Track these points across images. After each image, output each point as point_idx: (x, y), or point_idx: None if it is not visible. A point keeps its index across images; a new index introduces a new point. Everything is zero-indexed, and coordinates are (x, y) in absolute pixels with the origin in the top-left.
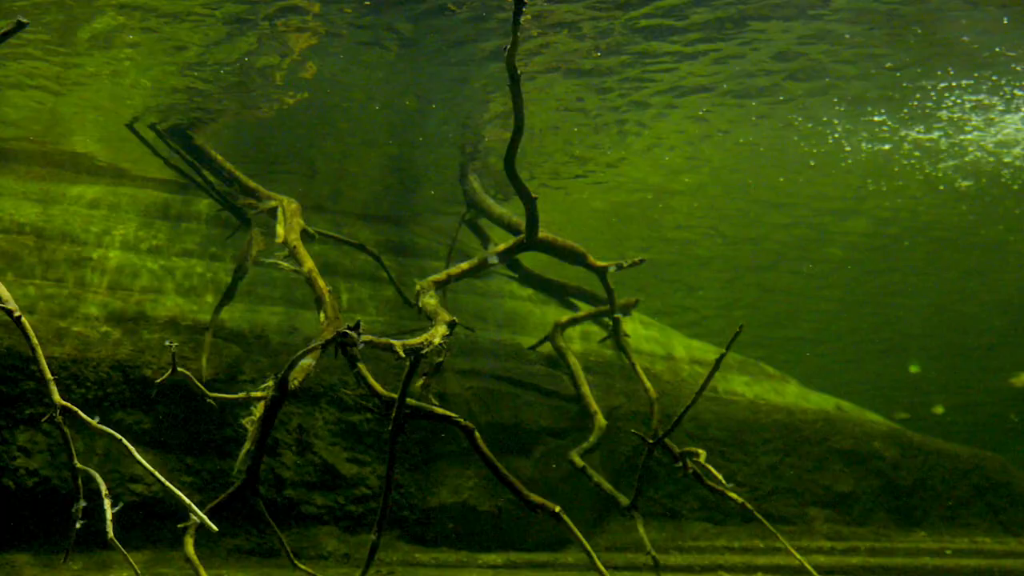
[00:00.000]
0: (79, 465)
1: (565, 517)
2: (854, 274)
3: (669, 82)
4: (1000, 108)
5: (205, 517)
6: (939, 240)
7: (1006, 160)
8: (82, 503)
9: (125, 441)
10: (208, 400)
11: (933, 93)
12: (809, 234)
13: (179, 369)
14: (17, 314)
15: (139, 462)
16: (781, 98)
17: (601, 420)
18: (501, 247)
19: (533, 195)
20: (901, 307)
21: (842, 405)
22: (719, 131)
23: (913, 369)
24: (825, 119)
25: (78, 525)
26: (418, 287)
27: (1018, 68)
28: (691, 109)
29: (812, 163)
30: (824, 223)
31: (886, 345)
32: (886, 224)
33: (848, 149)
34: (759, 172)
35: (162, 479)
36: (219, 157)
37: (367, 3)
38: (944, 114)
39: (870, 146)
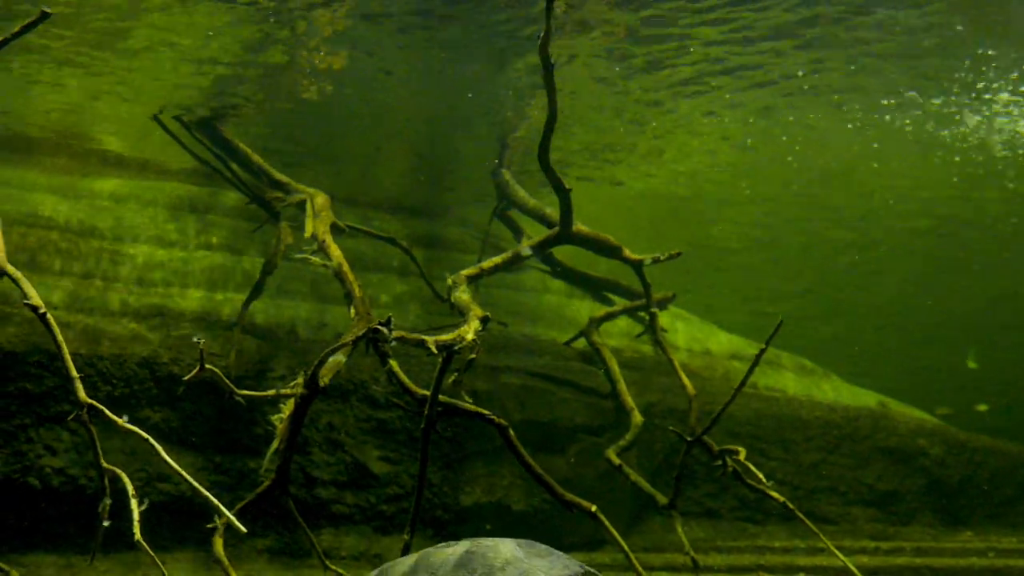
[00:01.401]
0: (105, 464)
1: (601, 516)
2: (903, 265)
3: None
4: None
5: (233, 518)
6: (996, 233)
7: None
8: (108, 502)
9: (152, 440)
10: (237, 397)
11: (995, 76)
12: (857, 224)
13: (207, 366)
14: (42, 311)
15: (167, 462)
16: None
17: (638, 417)
18: (535, 240)
19: (567, 187)
20: (949, 299)
21: (885, 401)
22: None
23: (971, 364)
24: (885, 102)
25: (105, 524)
26: (450, 281)
27: None
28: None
29: (875, 145)
30: (876, 211)
31: (930, 337)
32: (946, 218)
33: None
34: (810, 159)
35: (190, 479)
36: (247, 149)
37: None
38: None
39: (931, 131)
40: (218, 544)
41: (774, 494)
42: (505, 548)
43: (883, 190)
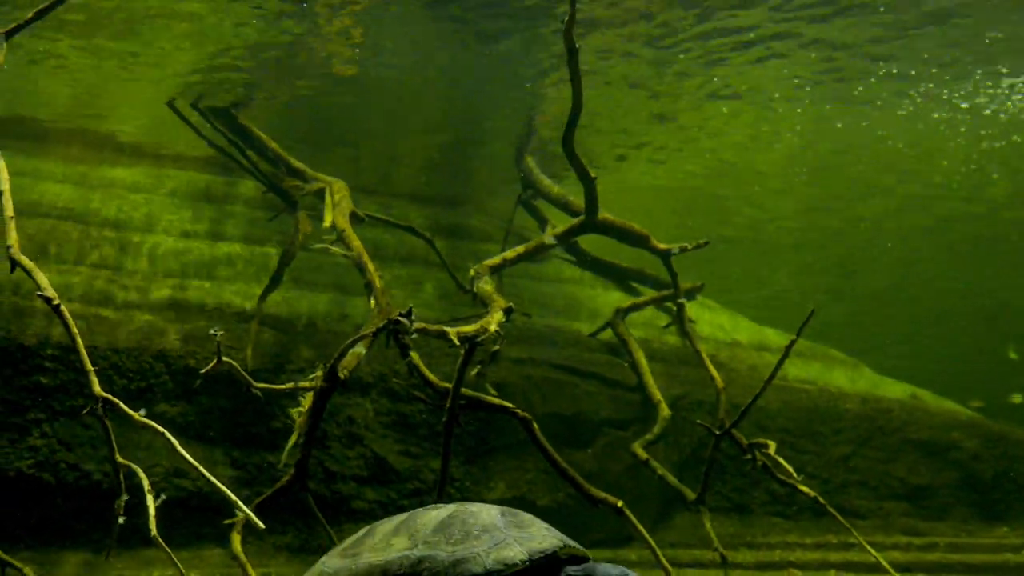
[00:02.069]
0: (120, 460)
1: (628, 512)
2: (937, 253)
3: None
4: None
5: (252, 514)
6: None
7: None
8: (124, 499)
9: (168, 435)
10: (254, 391)
11: None
12: (892, 211)
13: (224, 359)
14: (56, 302)
15: (184, 457)
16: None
17: (665, 410)
18: (559, 229)
19: (592, 175)
20: (983, 289)
21: (917, 393)
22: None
23: (1012, 355)
24: (932, 86)
25: (120, 521)
26: (472, 272)
27: None
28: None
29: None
30: (912, 197)
31: (963, 328)
32: (987, 203)
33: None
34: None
35: (207, 474)
36: (264, 137)
37: None
38: None
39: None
40: (236, 541)
41: (804, 488)
42: (486, 515)
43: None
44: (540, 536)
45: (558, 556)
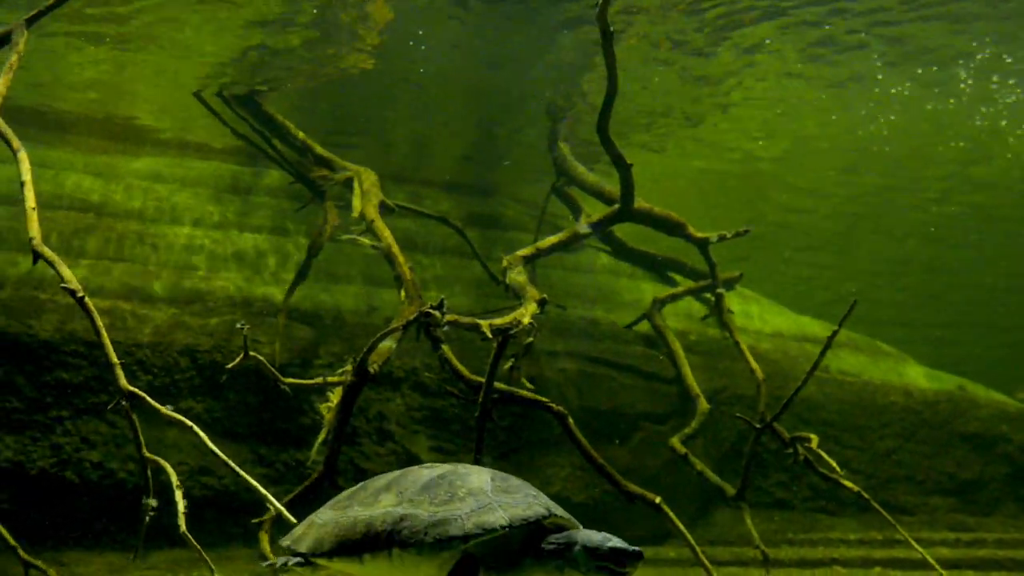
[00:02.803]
0: (148, 455)
1: (666, 508)
2: (981, 241)
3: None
4: None
5: (284, 510)
6: None
7: None
8: (153, 502)
9: (197, 428)
10: (282, 386)
11: None
12: (935, 198)
13: (251, 353)
14: (81, 295)
15: (213, 451)
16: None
17: (703, 404)
18: (594, 218)
19: (628, 161)
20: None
21: (965, 385)
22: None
23: None
24: (966, 75)
25: (148, 518)
26: (505, 262)
27: None
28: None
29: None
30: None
31: (1008, 316)
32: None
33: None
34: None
35: (237, 469)
36: (290, 125)
37: None
38: None
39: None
40: (264, 540)
41: (848, 483)
42: (476, 478)
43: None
44: (525, 503)
45: (542, 524)
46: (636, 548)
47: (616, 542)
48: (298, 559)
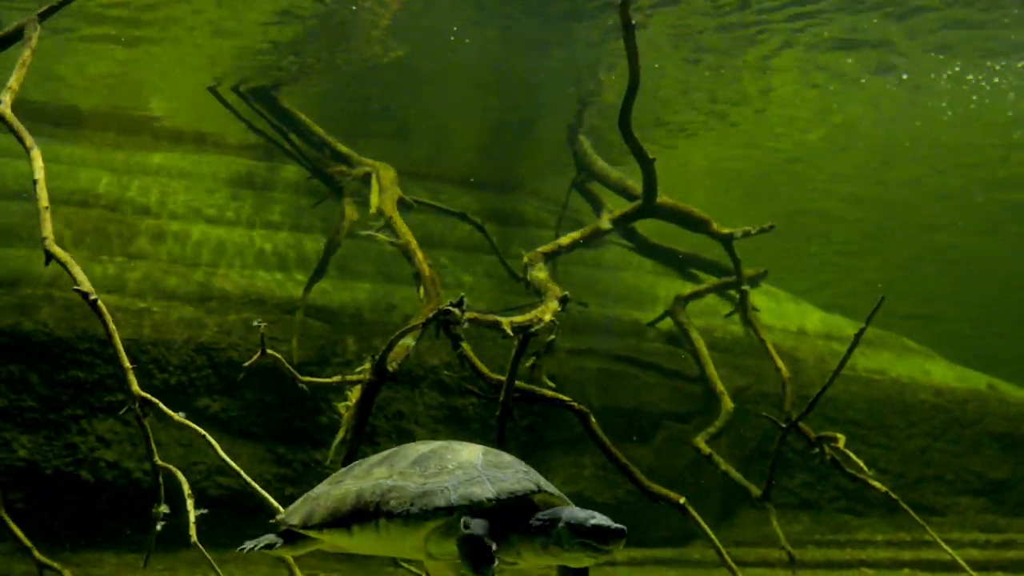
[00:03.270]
0: (160, 462)
1: (690, 509)
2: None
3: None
4: None
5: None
6: None
7: None
8: (164, 508)
9: (209, 437)
10: (300, 385)
11: None
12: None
13: (268, 351)
14: (93, 297)
15: (223, 459)
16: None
17: (728, 403)
18: (616, 214)
19: (651, 156)
20: None
21: (995, 383)
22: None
23: None
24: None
25: (159, 527)
26: (525, 259)
27: None
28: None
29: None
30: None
31: None
32: None
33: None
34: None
35: (247, 477)
36: (307, 120)
37: None
38: None
39: None
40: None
41: (876, 484)
42: (467, 453)
43: None
44: (515, 478)
45: (531, 500)
46: (619, 526)
47: (600, 519)
48: (268, 542)
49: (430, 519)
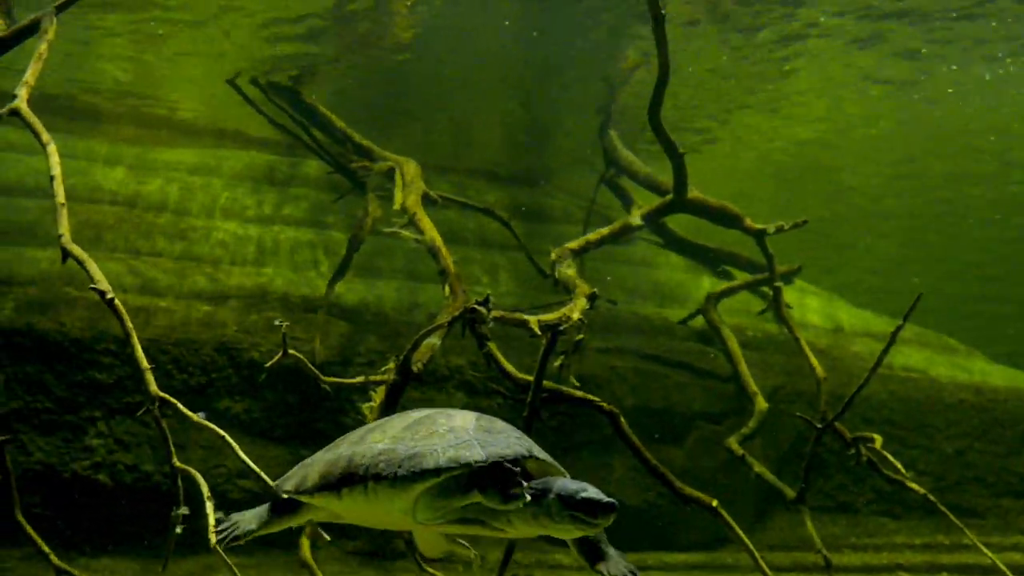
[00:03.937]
0: (178, 464)
1: (723, 512)
2: None
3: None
4: None
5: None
6: None
7: None
8: (183, 510)
9: (228, 438)
10: (323, 385)
11: None
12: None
13: (290, 351)
14: (110, 296)
15: (244, 462)
16: None
17: (761, 403)
18: (646, 209)
19: (681, 150)
20: None
21: None
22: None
23: None
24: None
25: (178, 531)
26: (553, 255)
27: None
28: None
29: None
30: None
31: None
32: None
33: None
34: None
35: (266, 478)
36: (329, 114)
37: None
38: None
39: None
40: (305, 546)
41: (914, 486)
42: (460, 419)
43: None
44: (506, 443)
45: (523, 467)
46: (610, 500)
47: (591, 492)
48: (247, 533)
49: (418, 481)
